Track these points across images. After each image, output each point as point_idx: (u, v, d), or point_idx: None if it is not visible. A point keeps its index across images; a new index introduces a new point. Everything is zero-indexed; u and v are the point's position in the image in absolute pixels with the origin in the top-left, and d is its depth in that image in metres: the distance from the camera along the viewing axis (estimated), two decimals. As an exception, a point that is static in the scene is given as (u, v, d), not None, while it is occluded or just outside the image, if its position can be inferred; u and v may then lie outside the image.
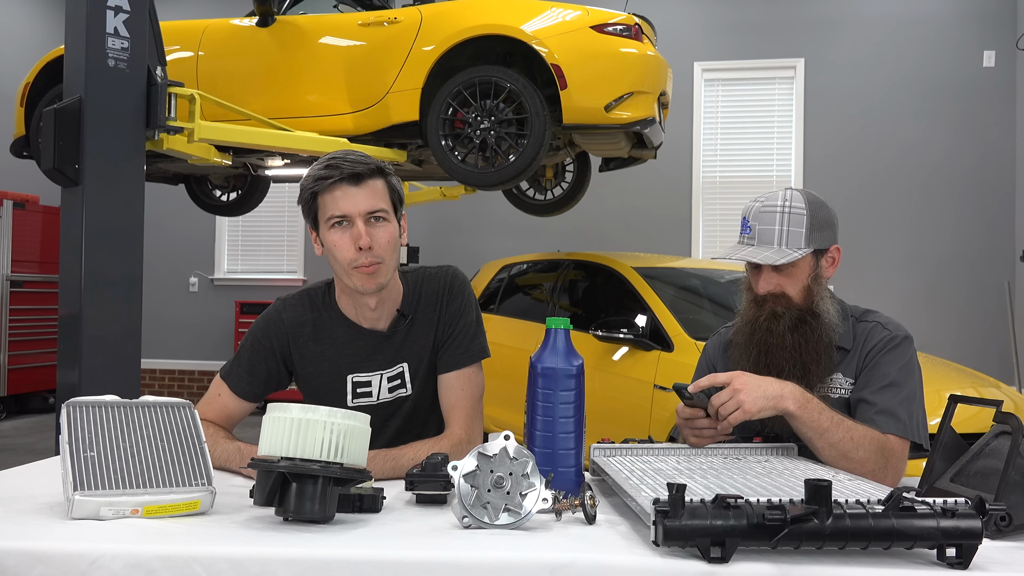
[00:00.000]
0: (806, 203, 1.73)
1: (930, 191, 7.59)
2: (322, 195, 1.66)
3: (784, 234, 1.70)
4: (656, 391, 3.98)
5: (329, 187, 1.65)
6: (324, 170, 1.66)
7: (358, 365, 1.79)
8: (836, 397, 1.71)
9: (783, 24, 7.87)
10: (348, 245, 1.65)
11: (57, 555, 1.10)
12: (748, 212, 1.76)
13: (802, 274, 1.72)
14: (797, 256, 1.69)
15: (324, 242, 1.70)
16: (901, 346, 1.70)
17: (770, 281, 1.73)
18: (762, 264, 1.73)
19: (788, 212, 1.71)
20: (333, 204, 1.66)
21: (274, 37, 5.12)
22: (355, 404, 1.79)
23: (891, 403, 1.64)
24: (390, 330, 1.78)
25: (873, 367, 1.69)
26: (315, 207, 1.68)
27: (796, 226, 1.70)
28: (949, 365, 4.14)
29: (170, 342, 8.69)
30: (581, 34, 4.61)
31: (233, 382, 1.79)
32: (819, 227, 1.72)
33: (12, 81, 6.05)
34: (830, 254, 1.76)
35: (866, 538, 1.06)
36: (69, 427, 1.28)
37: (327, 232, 1.67)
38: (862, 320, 1.77)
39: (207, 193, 6.61)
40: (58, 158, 3.53)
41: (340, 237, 1.66)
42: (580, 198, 6.18)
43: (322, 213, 1.68)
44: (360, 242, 1.64)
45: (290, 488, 1.23)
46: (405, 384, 1.80)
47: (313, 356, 1.79)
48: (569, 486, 1.37)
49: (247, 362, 1.80)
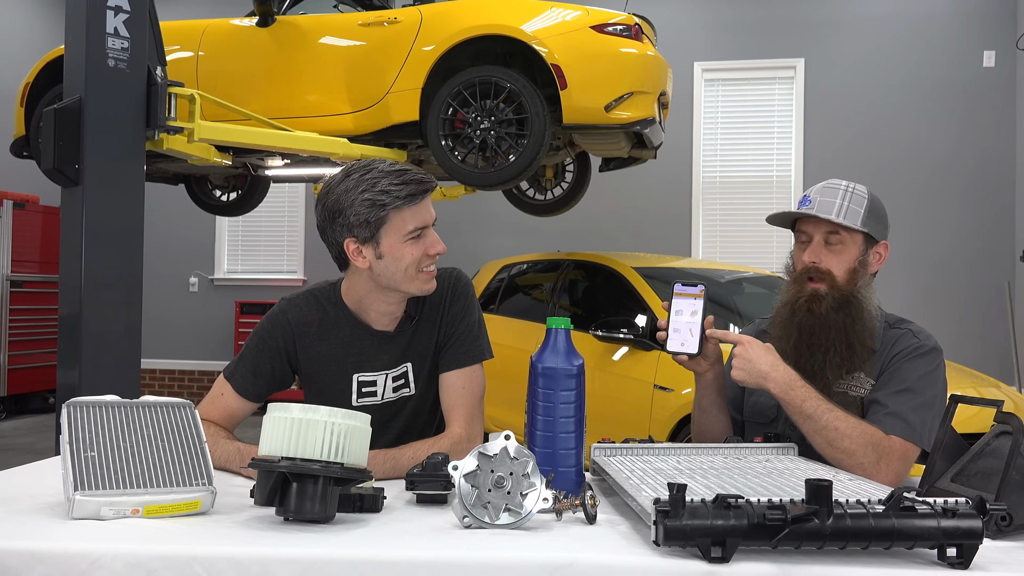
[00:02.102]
0: (869, 192, 1.78)
1: (930, 191, 7.59)
2: (400, 209, 1.66)
3: (844, 208, 1.73)
4: (656, 391, 3.98)
5: (412, 203, 1.67)
6: (405, 185, 1.66)
7: (364, 364, 1.79)
8: (855, 395, 1.71)
9: (783, 24, 7.87)
10: (422, 254, 1.70)
11: (57, 555, 1.10)
12: (812, 190, 1.79)
13: (850, 255, 1.74)
14: (853, 226, 1.72)
15: (390, 253, 1.68)
16: (927, 356, 1.70)
17: (818, 253, 1.74)
18: (812, 237, 1.75)
19: (851, 192, 1.75)
20: (418, 216, 1.68)
21: (274, 37, 5.12)
22: (360, 404, 1.79)
23: (903, 407, 1.63)
24: (397, 331, 1.79)
25: (894, 371, 1.70)
26: (383, 221, 1.67)
27: (856, 205, 1.73)
28: (949, 365, 4.13)
29: (170, 342, 8.69)
30: (581, 34, 4.61)
31: (237, 382, 1.79)
32: (876, 216, 1.76)
33: (12, 81, 6.05)
34: (879, 249, 1.79)
35: (867, 538, 1.06)
36: (69, 427, 1.28)
37: (403, 244, 1.68)
38: (895, 327, 1.78)
39: (207, 193, 6.61)
40: (58, 158, 3.53)
41: (416, 247, 1.69)
42: (580, 198, 6.18)
43: (398, 226, 1.67)
44: (439, 248, 1.71)
45: (290, 488, 1.23)
46: (409, 384, 1.81)
47: (319, 355, 1.79)
48: (569, 486, 1.37)
49: (252, 362, 1.80)
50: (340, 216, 1.68)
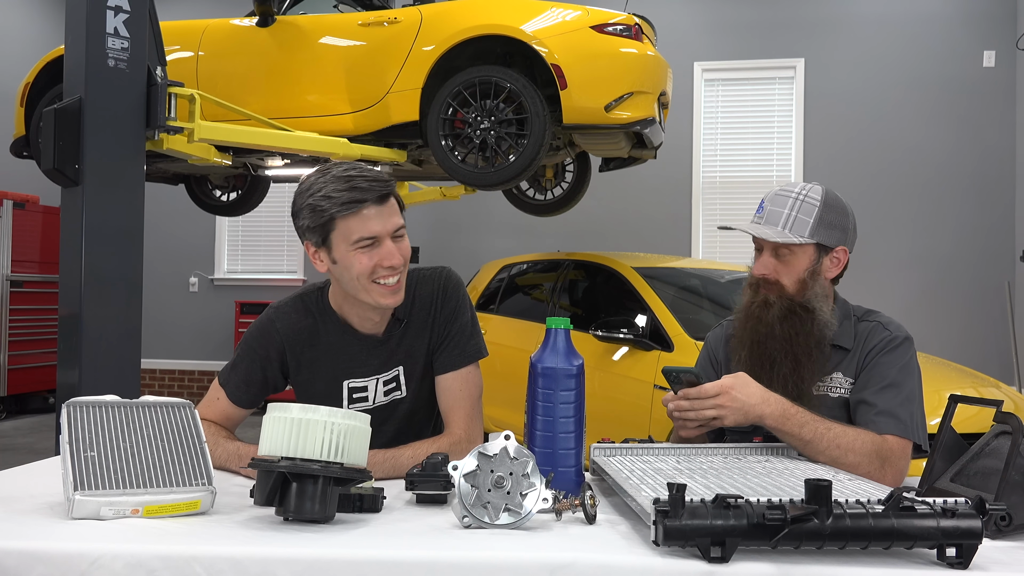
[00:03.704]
0: (822, 197, 1.72)
1: (930, 191, 7.59)
2: (345, 217, 1.60)
3: (791, 219, 1.70)
4: (656, 391, 3.98)
5: (352, 211, 1.60)
6: (348, 192, 1.59)
7: (354, 370, 1.77)
8: (836, 396, 1.71)
9: (783, 24, 7.87)
10: (373, 265, 1.62)
11: (57, 555, 1.10)
12: (767, 195, 1.76)
13: (800, 265, 1.71)
14: (796, 242, 1.69)
15: (341, 261, 1.63)
16: (901, 347, 1.70)
17: (767, 265, 1.73)
18: (763, 247, 1.74)
19: (802, 200, 1.72)
20: (363, 226, 1.60)
21: (274, 37, 5.12)
22: (352, 409, 1.78)
23: (891, 404, 1.63)
24: (385, 334, 1.77)
25: (873, 367, 1.69)
26: (329, 228, 1.62)
27: (805, 215, 1.70)
28: (949, 365, 4.14)
29: (170, 342, 8.69)
30: (581, 34, 4.61)
31: (230, 390, 1.79)
32: (828, 224, 1.71)
33: (12, 81, 6.05)
34: (835, 254, 1.74)
35: (866, 538, 1.06)
36: (69, 427, 1.28)
37: (351, 253, 1.62)
38: (863, 320, 1.77)
39: (207, 193, 6.61)
40: (58, 158, 3.53)
41: (367, 256, 1.62)
42: (580, 198, 6.18)
43: (344, 234, 1.61)
44: (393, 261, 1.62)
45: (290, 488, 1.23)
46: (400, 387, 1.79)
47: (309, 362, 1.78)
48: (569, 486, 1.37)
49: (244, 371, 1.79)
50: (297, 219, 1.68)
